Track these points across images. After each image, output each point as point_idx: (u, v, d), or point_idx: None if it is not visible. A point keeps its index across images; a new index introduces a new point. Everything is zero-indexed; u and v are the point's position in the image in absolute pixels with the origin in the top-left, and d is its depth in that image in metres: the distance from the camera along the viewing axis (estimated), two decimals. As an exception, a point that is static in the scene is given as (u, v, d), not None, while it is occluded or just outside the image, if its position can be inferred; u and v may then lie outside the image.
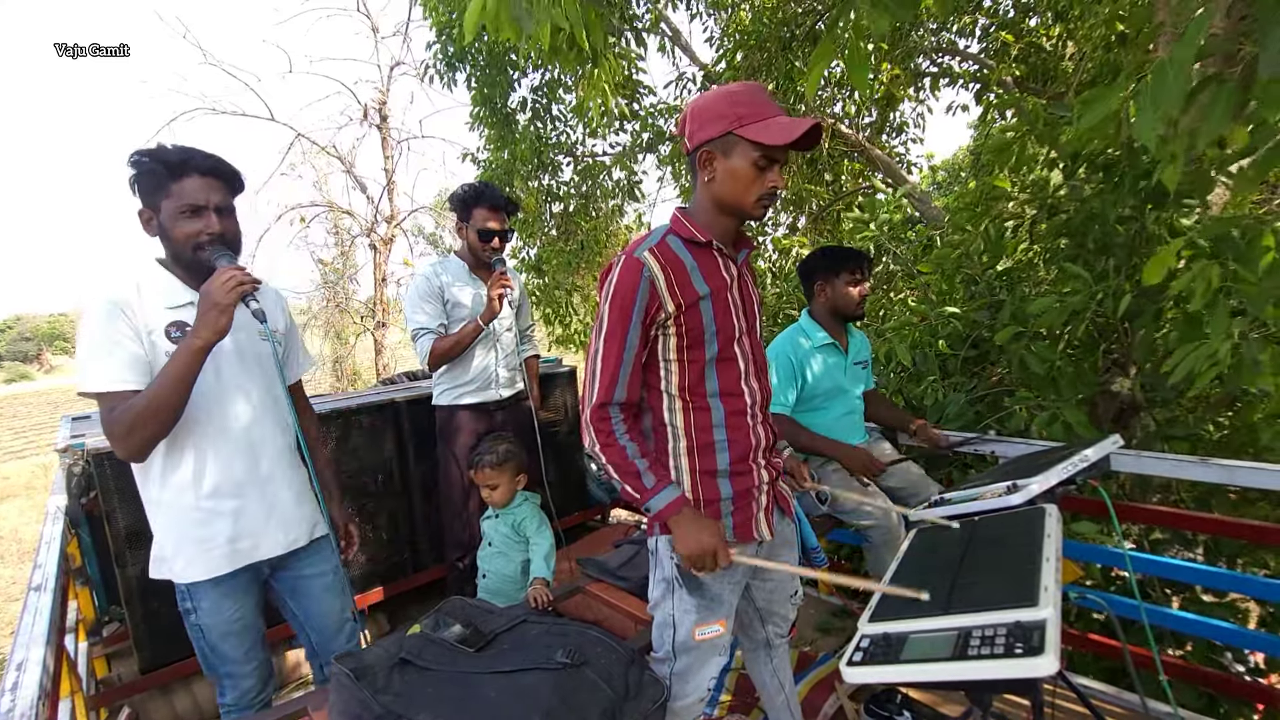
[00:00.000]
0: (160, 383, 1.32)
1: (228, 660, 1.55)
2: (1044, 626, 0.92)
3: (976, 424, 2.70)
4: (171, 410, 1.34)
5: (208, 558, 1.47)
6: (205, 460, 1.46)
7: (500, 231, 2.42)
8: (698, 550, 1.23)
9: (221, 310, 1.33)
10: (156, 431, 1.35)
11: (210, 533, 1.47)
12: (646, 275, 1.24)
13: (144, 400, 1.31)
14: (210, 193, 1.43)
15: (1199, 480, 1.98)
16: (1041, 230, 3.01)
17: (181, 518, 1.46)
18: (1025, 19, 4.95)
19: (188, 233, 1.41)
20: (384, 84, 9.70)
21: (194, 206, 1.41)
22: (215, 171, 1.44)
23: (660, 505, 1.26)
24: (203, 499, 1.46)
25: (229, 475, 1.48)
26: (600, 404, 1.26)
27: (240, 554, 1.51)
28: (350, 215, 10.45)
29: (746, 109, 1.21)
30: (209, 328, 1.32)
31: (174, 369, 1.32)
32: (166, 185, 1.40)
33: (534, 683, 1.26)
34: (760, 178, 1.24)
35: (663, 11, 5.66)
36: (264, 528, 1.54)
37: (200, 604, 1.50)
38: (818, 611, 2.64)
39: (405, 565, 2.91)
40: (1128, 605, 1.96)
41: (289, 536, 1.59)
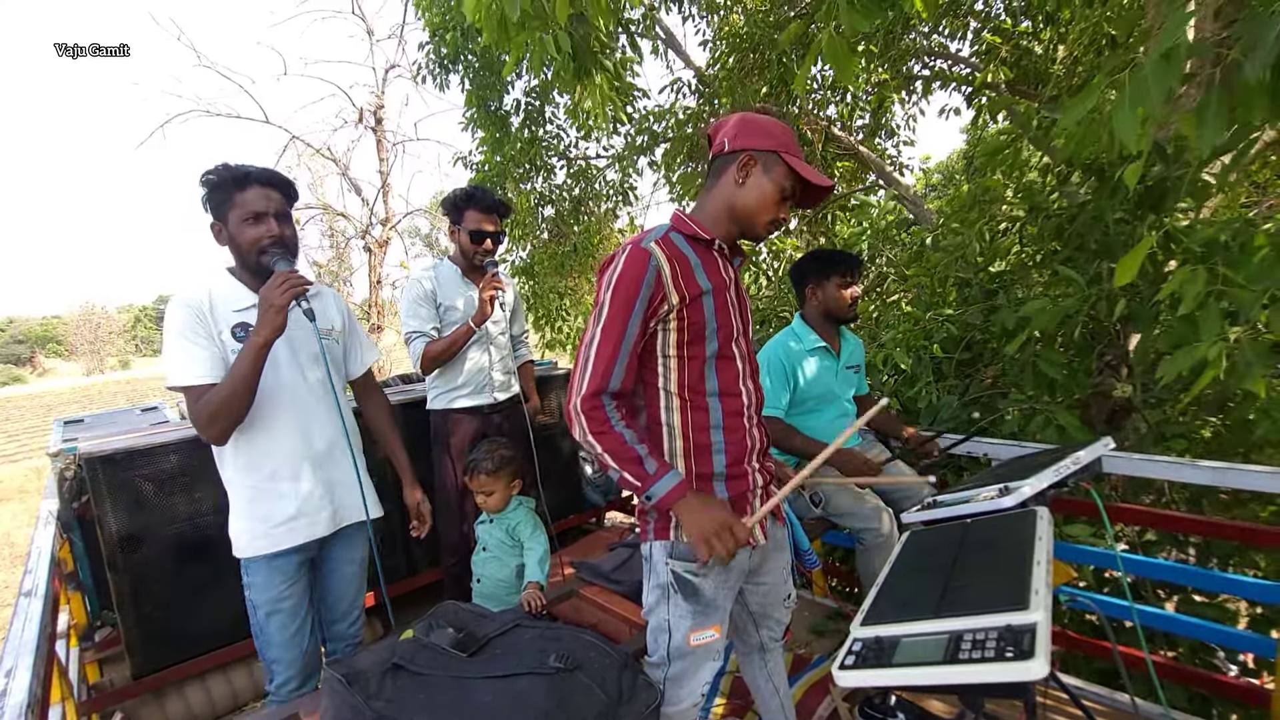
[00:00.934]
0: (231, 378, 1.50)
1: (273, 644, 1.67)
2: (1034, 630, 0.92)
3: (970, 426, 2.71)
4: (243, 401, 1.51)
5: (265, 534, 1.63)
6: (265, 445, 1.62)
7: (492, 233, 2.42)
8: (711, 529, 1.19)
9: (278, 310, 1.49)
10: (233, 420, 1.53)
11: (268, 511, 1.63)
12: (654, 265, 1.24)
13: (220, 393, 1.49)
14: (269, 201, 1.59)
15: (1190, 482, 1.99)
16: (1033, 233, 3.03)
17: (246, 496, 1.63)
18: (1016, 22, 4.97)
19: (252, 238, 1.57)
20: (379, 87, 9.69)
21: (256, 213, 1.57)
22: (272, 181, 1.61)
23: (663, 491, 1.22)
24: (263, 480, 1.63)
25: (286, 459, 1.64)
26: (593, 392, 1.23)
27: (296, 532, 1.65)
28: (345, 217, 10.44)
29: (790, 143, 1.31)
30: (267, 326, 1.49)
31: (241, 365, 1.49)
32: (232, 197, 1.56)
33: (527, 688, 1.26)
34: (780, 204, 1.32)
35: (656, 15, 5.67)
36: (317, 507, 1.69)
37: (254, 579, 1.65)
38: (812, 614, 2.64)
39: (400, 569, 2.90)
40: (1119, 606, 1.97)
41: (338, 517, 1.75)
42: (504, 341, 2.61)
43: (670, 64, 6.28)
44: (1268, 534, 1.81)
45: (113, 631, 2.46)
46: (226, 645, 2.32)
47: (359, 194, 10.18)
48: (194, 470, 2.27)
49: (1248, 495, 2.47)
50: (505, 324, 2.63)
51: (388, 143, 9.89)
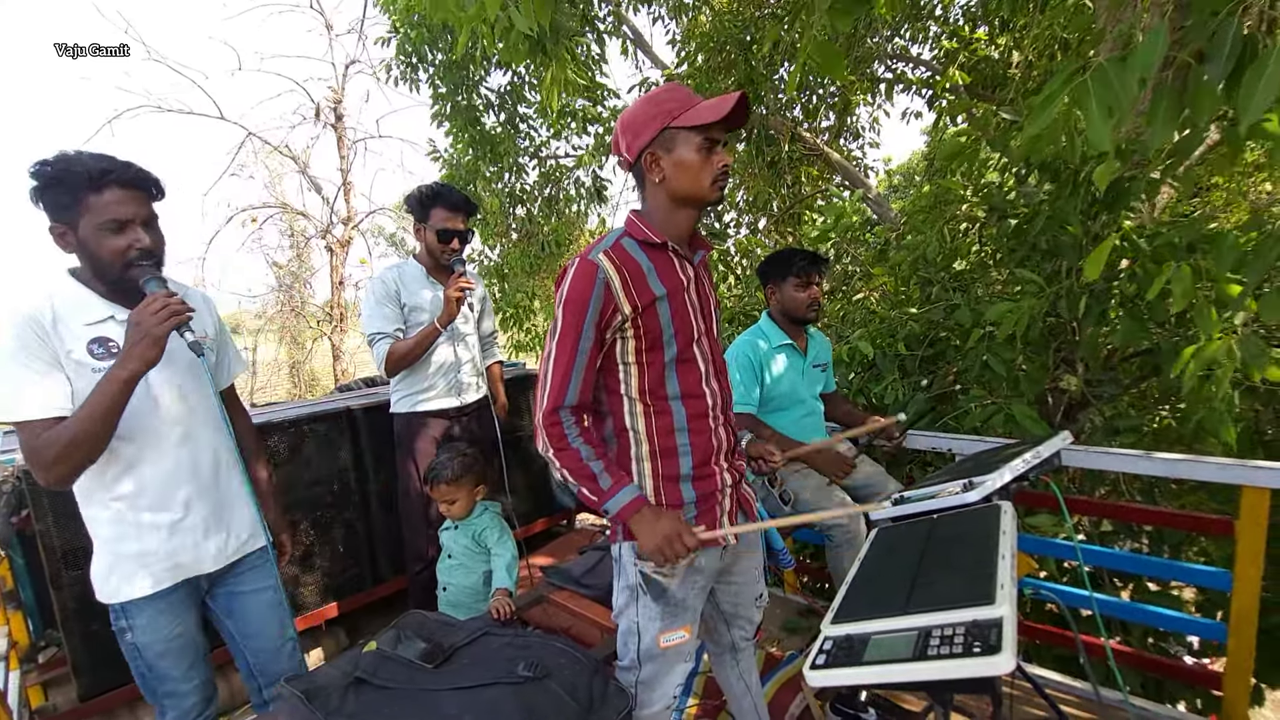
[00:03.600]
0: (87, 413, 1.26)
1: (167, 679, 1.48)
2: (1001, 624, 0.93)
3: (934, 421, 2.76)
4: (98, 439, 1.28)
5: (143, 573, 1.42)
6: (137, 474, 1.41)
7: (459, 232, 2.36)
8: (661, 541, 1.22)
9: (153, 342, 1.28)
10: (83, 461, 1.29)
11: (145, 547, 1.42)
12: (601, 277, 1.23)
13: (70, 430, 1.25)
14: (135, 205, 1.35)
15: (1143, 473, 2.06)
16: (992, 233, 3.10)
17: (116, 533, 1.41)
18: (973, 28, 5.10)
19: (115, 249, 1.33)
20: (338, 82, 9.46)
21: (119, 221, 1.32)
22: (137, 182, 1.36)
23: (618, 506, 1.24)
24: (138, 513, 1.41)
25: (163, 488, 1.43)
26: (552, 408, 1.25)
27: (179, 569, 1.46)
28: (305, 217, 10.16)
29: (673, 104, 1.25)
30: (138, 359, 1.27)
31: (101, 399, 1.25)
32: (84, 198, 1.30)
33: (495, 698, 1.23)
34: (708, 160, 1.26)
35: (624, 14, 5.66)
36: (202, 540, 1.49)
37: (135, 622, 1.43)
38: (784, 611, 2.66)
39: (364, 578, 2.83)
40: (1079, 596, 2.02)
41: (227, 548, 1.54)
42: (473, 342, 2.55)
43: (639, 64, 6.27)
44: (1215, 522, 1.88)
45: (57, 652, 2.34)
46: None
47: (319, 192, 9.92)
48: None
49: (1194, 484, 2.57)
50: (474, 324, 2.58)
51: (348, 140, 9.66)
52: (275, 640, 1.64)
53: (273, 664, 1.64)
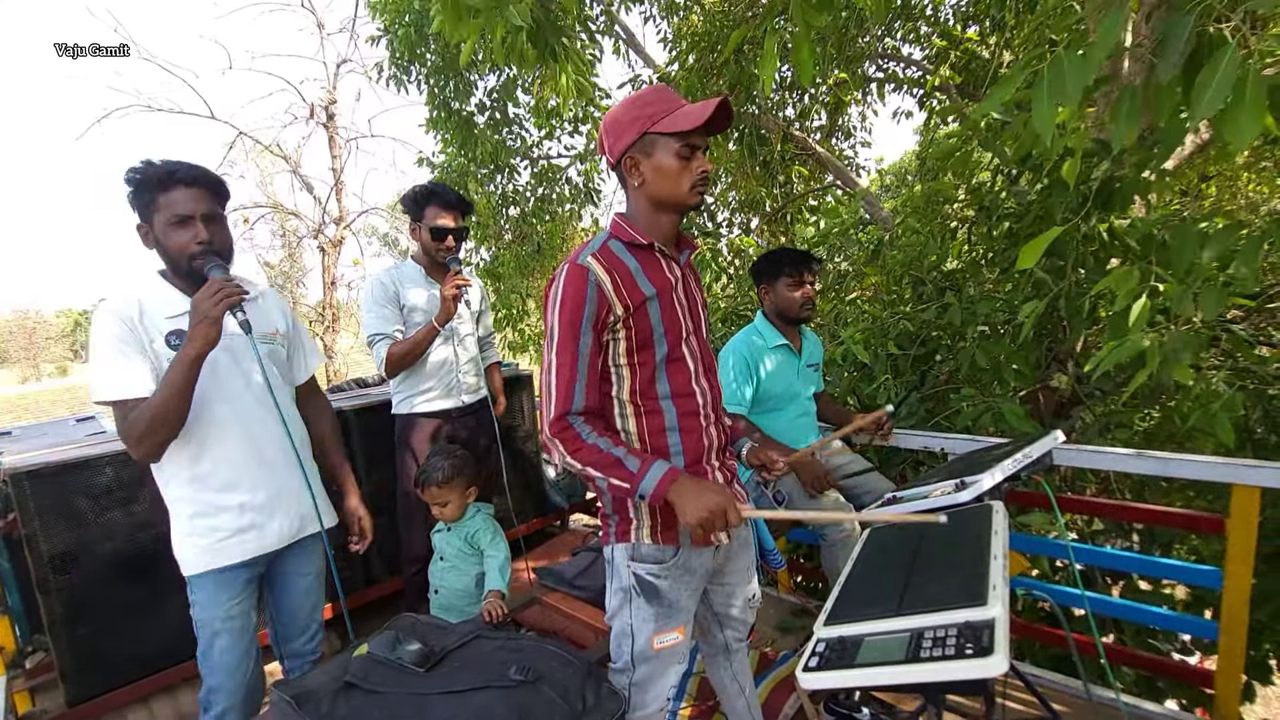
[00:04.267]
0: (162, 392, 1.40)
1: (216, 669, 1.58)
2: (993, 626, 0.93)
3: (927, 420, 2.76)
4: (175, 415, 1.42)
5: (211, 549, 1.55)
6: (207, 458, 1.54)
7: (454, 230, 2.35)
8: (708, 513, 1.16)
9: (211, 322, 1.39)
10: (166, 435, 1.44)
11: (214, 524, 1.55)
12: (593, 280, 1.22)
13: (150, 408, 1.40)
14: (197, 202, 1.49)
15: (1134, 472, 2.07)
16: (981, 233, 3.11)
17: (189, 511, 1.55)
18: (964, 28, 5.12)
19: (179, 243, 1.48)
20: (330, 82, 9.42)
21: (182, 217, 1.47)
22: (199, 181, 1.50)
23: (654, 484, 1.18)
24: (208, 493, 1.54)
25: (231, 472, 1.56)
26: (559, 415, 1.22)
27: (245, 544, 1.58)
28: (296, 216, 10.11)
29: (655, 107, 1.24)
30: (200, 338, 1.39)
31: (172, 378, 1.40)
32: (155, 198, 1.47)
33: (487, 702, 1.22)
34: (686, 166, 1.25)
35: (616, 14, 5.65)
36: (266, 520, 1.61)
37: (198, 596, 1.57)
38: (777, 611, 2.65)
39: (356, 580, 2.81)
40: (1071, 595, 2.03)
41: (288, 529, 1.67)
42: (472, 343, 2.54)
43: (631, 63, 6.26)
44: (1206, 521, 1.89)
45: (45, 657, 2.32)
46: (171, 667, 2.21)
47: (311, 192, 9.88)
48: (132, 484, 2.15)
49: (1184, 482, 2.58)
50: (474, 324, 2.57)
51: (340, 139, 9.62)
52: (303, 621, 1.78)
53: (295, 641, 1.79)
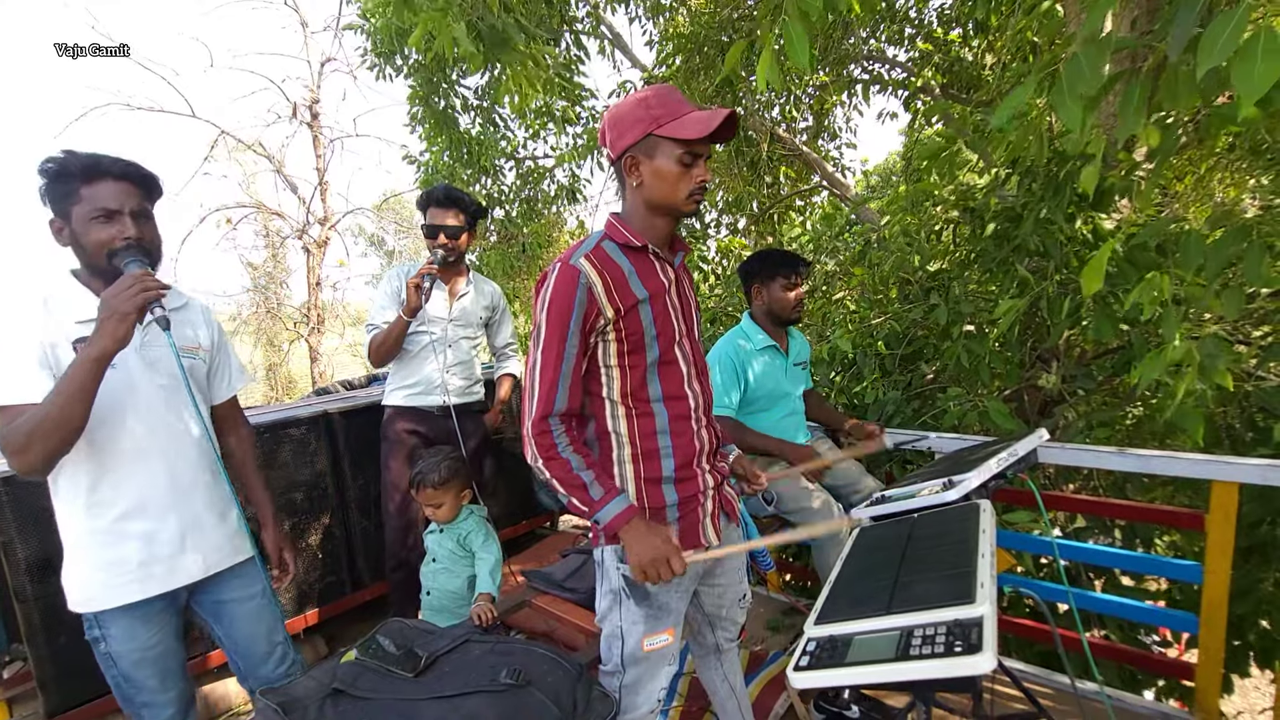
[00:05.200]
0: (55, 395, 1.23)
1: (144, 689, 1.45)
2: (981, 623, 0.94)
3: (914, 420, 2.78)
4: (69, 424, 1.24)
5: (117, 583, 1.39)
6: (114, 479, 1.38)
7: (445, 228, 2.37)
8: (651, 559, 1.21)
9: (121, 318, 1.24)
10: (54, 447, 1.26)
11: (119, 556, 1.39)
12: (584, 282, 1.21)
13: (40, 413, 1.23)
14: (125, 197, 1.35)
15: (1117, 469, 2.10)
16: (965, 234, 3.14)
17: (90, 540, 1.38)
18: (948, 30, 5.16)
19: (100, 239, 1.33)
20: (314, 81, 9.32)
21: (107, 211, 1.33)
22: (129, 175, 1.37)
23: (609, 517, 1.22)
24: (112, 521, 1.38)
25: (140, 496, 1.40)
26: (541, 416, 1.23)
27: (153, 579, 1.42)
28: (280, 216, 9.98)
29: (662, 109, 1.23)
30: (108, 336, 1.23)
31: (69, 380, 1.23)
32: (77, 190, 1.32)
33: (477, 707, 1.21)
34: (687, 174, 1.25)
35: (602, 15, 5.64)
36: (179, 551, 1.45)
37: (110, 631, 1.40)
38: (767, 610, 2.66)
39: (343, 584, 2.78)
40: (1056, 591, 2.05)
41: (207, 561, 1.51)
42: (465, 347, 2.56)
43: (618, 65, 6.26)
44: (1186, 517, 1.92)
45: (23, 666, 2.28)
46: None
47: (295, 192, 9.76)
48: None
49: (1165, 479, 2.62)
50: (475, 329, 2.59)
51: (325, 139, 9.52)
52: (264, 645, 1.62)
53: (261, 668, 1.62)
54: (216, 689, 2.48)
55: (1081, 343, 2.93)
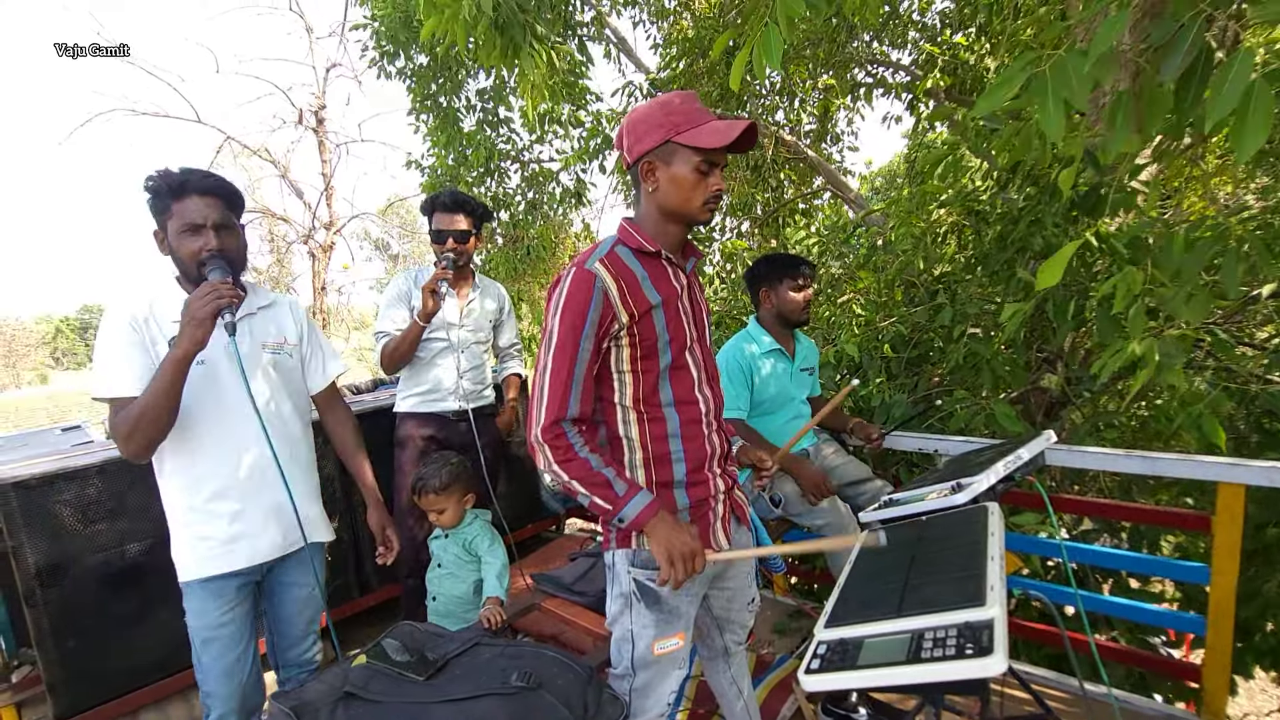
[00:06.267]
0: (148, 391, 1.40)
1: (209, 675, 1.57)
2: (992, 626, 0.94)
3: (921, 423, 2.79)
4: (161, 416, 1.41)
5: (203, 556, 1.54)
6: (205, 463, 1.54)
7: (452, 232, 2.37)
8: (679, 554, 1.20)
9: (198, 323, 1.38)
10: (152, 436, 1.43)
11: (207, 532, 1.54)
12: (600, 287, 1.21)
13: (137, 407, 1.40)
14: (209, 211, 1.50)
15: (1123, 471, 2.09)
16: (969, 237, 3.14)
17: (184, 519, 1.55)
18: (951, 33, 5.18)
19: (190, 250, 1.49)
20: (319, 86, 9.37)
21: (193, 225, 1.49)
22: (213, 190, 1.51)
23: (635, 511, 1.21)
24: (202, 501, 1.54)
25: (226, 479, 1.56)
26: (552, 420, 1.21)
27: (235, 555, 1.56)
28: (286, 221, 10.04)
29: (682, 116, 1.23)
30: (188, 339, 1.38)
31: (158, 379, 1.40)
32: (169, 206, 1.49)
33: (488, 709, 1.21)
34: (703, 182, 1.25)
35: (606, 19, 5.66)
36: (260, 532, 1.60)
37: (190, 604, 1.56)
38: (774, 613, 2.66)
39: (351, 588, 2.79)
40: (1064, 593, 2.05)
41: (287, 539, 1.65)
42: (478, 351, 2.55)
43: (622, 68, 6.27)
44: (1194, 519, 1.92)
45: (32, 671, 2.29)
46: (160, 679, 2.19)
47: (300, 197, 9.81)
48: (119, 494, 2.13)
49: (1171, 480, 2.62)
50: (486, 333, 2.58)
51: (330, 144, 9.56)
52: (300, 632, 1.77)
53: (291, 651, 1.77)
54: None
55: (1085, 345, 2.93)
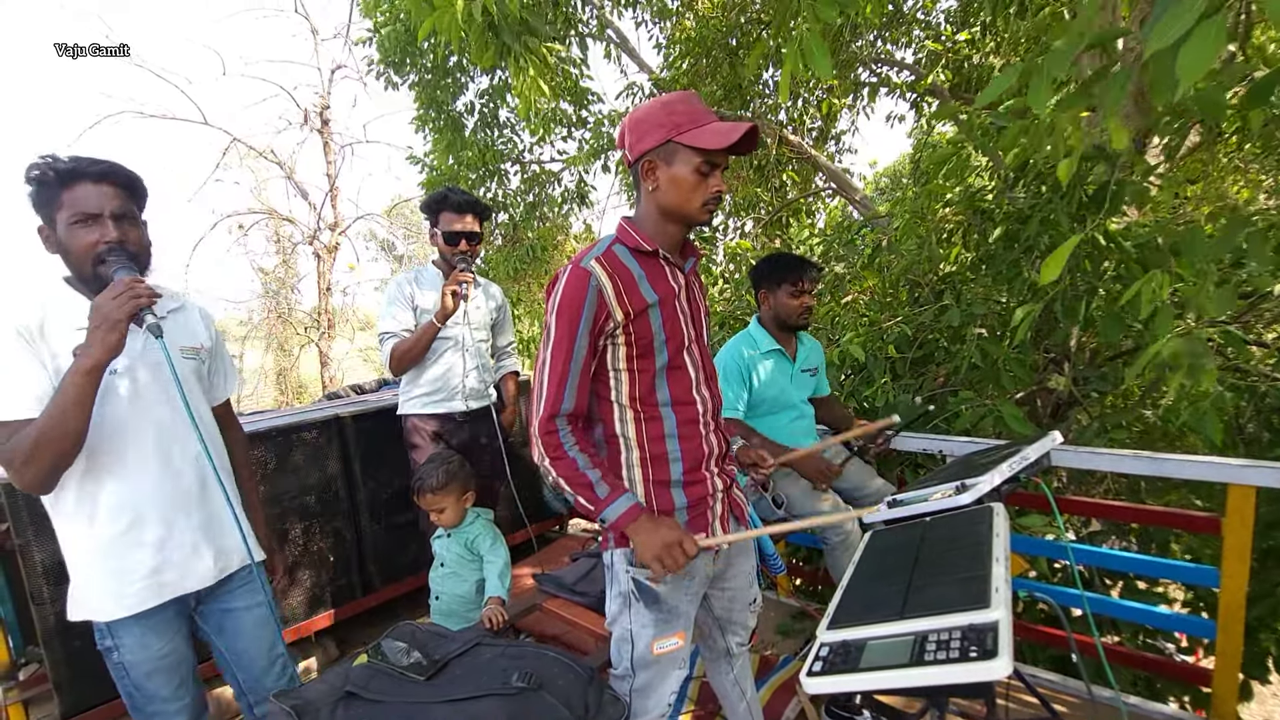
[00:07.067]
0: (52, 408, 1.21)
1: (155, 699, 1.43)
2: (997, 628, 0.93)
3: (926, 423, 2.77)
4: (68, 436, 1.22)
5: (129, 592, 1.36)
6: (122, 488, 1.36)
7: (466, 233, 2.39)
8: (662, 549, 1.20)
9: (111, 326, 1.21)
10: (56, 461, 1.24)
11: (129, 565, 1.36)
12: (594, 285, 1.22)
13: (38, 427, 1.20)
14: (105, 199, 1.32)
15: (1131, 473, 2.07)
16: (974, 236, 3.12)
17: (99, 551, 1.35)
18: (954, 31, 5.15)
19: (84, 244, 1.31)
20: (325, 88, 9.41)
21: (87, 214, 1.30)
22: (109, 176, 1.33)
23: (615, 515, 1.23)
24: (121, 531, 1.36)
25: (148, 503, 1.38)
26: (548, 415, 1.23)
27: (166, 586, 1.41)
28: (291, 222, 10.08)
29: (684, 116, 1.22)
30: (99, 345, 1.21)
31: (64, 393, 1.21)
32: (58, 195, 1.30)
33: (488, 709, 1.21)
34: (703, 183, 1.25)
35: (608, 18, 5.66)
36: (190, 556, 1.44)
37: (122, 641, 1.38)
38: (777, 614, 2.65)
39: (354, 587, 2.79)
40: (1070, 595, 2.03)
41: (219, 564, 1.49)
42: (483, 350, 2.55)
43: (624, 68, 6.27)
44: (1203, 521, 1.89)
45: (38, 669, 2.29)
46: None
47: (305, 198, 9.86)
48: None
49: (1179, 482, 2.59)
50: (487, 332, 2.58)
51: (335, 145, 9.60)
52: (265, 657, 1.60)
53: (263, 680, 1.60)
54: (227, 692, 2.50)
55: (1091, 345, 2.91)
